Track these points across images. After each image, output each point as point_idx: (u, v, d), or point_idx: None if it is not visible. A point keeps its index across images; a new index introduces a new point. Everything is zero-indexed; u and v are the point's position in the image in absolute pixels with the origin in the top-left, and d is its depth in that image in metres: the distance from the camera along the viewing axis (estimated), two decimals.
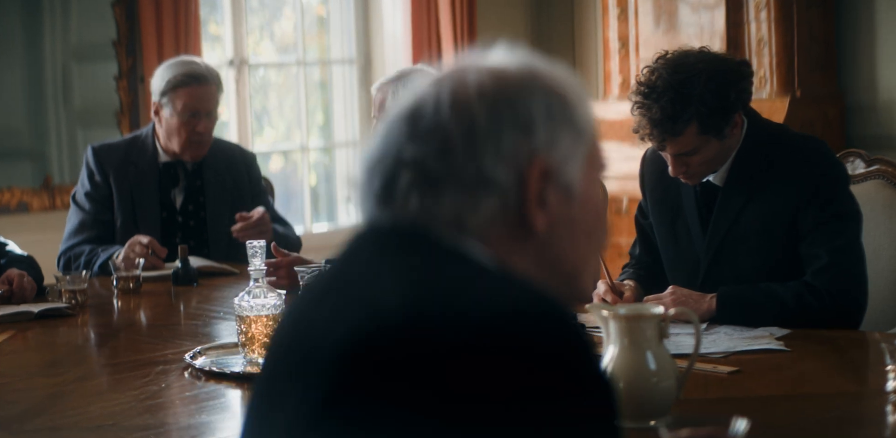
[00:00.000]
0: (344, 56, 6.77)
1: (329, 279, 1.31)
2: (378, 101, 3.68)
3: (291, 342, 1.27)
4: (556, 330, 1.15)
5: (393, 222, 1.26)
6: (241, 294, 2.65)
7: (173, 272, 3.67)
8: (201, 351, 2.70)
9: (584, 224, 1.32)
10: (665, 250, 3.13)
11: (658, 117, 2.79)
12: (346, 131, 6.85)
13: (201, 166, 4.15)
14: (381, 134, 1.31)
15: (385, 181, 1.27)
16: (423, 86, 1.32)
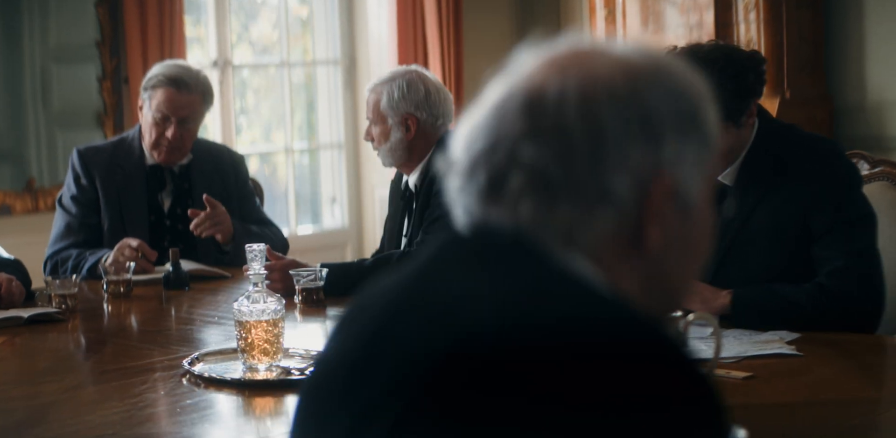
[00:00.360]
0: (328, 57, 6.71)
1: (411, 287, 1.17)
2: (372, 102, 3.63)
3: (360, 355, 1.14)
4: (662, 346, 1.07)
5: (498, 227, 1.15)
6: (239, 299, 2.59)
7: (164, 276, 3.60)
8: (199, 357, 2.63)
9: (695, 241, 1.22)
10: None
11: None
12: (330, 133, 6.78)
13: (189, 168, 4.08)
14: (491, 116, 1.17)
15: (493, 178, 1.14)
16: (539, 67, 1.18)
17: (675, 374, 1.05)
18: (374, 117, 3.64)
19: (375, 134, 3.65)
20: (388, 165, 3.69)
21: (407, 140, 3.61)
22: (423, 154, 3.65)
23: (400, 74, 3.66)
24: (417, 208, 3.60)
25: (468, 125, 1.19)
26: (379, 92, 3.63)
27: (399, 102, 3.60)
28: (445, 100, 3.67)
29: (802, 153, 2.87)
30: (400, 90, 3.60)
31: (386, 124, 3.62)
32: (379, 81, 3.66)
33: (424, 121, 3.63)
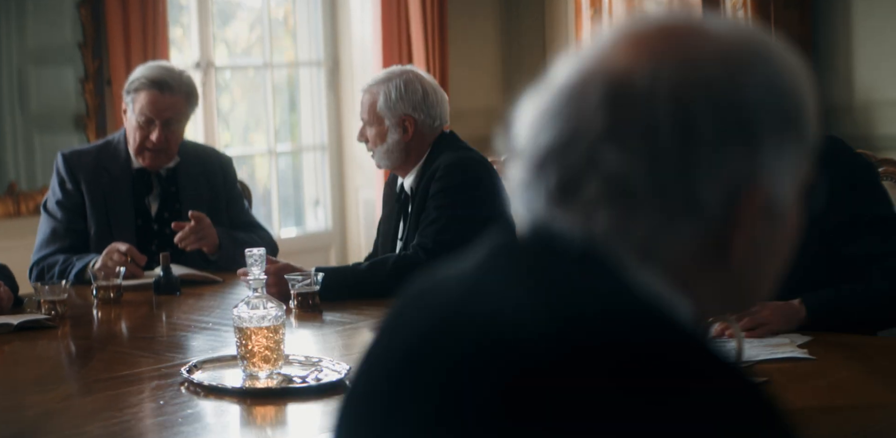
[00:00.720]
0: (311, 58, 6.64)
1: (460, 297, 1.04)
2: (368, 102, 3.56)
3: (404, 372, 1.03)
4: (731, 377, 0.97)
5: (565, 235, 1.02)
6: (239, 305, 2.52)
7: (155, 281, 3.53)
8: (197, 365, 2.57)
9: (779, 248, 1.11)
10: None
11: None
12: (313, 135, 6.72)
13: (175, 171, 4.01)
14: (564, 103, 1.03)
15: (566, 181, 1.01)
16: (623, 47, 1.03)
17: (738, 401, 0.96)
18: (369, 118, 3.58)
19: (371, 135, 3.59)
20: (384, 167, 3.62)
21: (404, 142, 3.55)
22: (420, 156, 3.59)
23: (396, 73, 3.60)
24: (413, 211, 3.54)
25: (535, 108, 1.06)
26: (375, 93, 3.57)
27: (396, 103, 3.54)
28: (442, 101, 3.62)
29: (820, 156, 2.81)
30: (397, 90, 3.54)
31: (382, 125, 3.56)
32: (374, 82, 3.60)
33: (422, 122, 3.57)
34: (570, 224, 1.02)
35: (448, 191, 3.45)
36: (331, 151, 6.74)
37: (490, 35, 6.79)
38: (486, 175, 3.55)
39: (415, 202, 3.53)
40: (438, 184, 3.47)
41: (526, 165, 1.04)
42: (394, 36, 6.28)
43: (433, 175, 3.49)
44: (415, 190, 3.55)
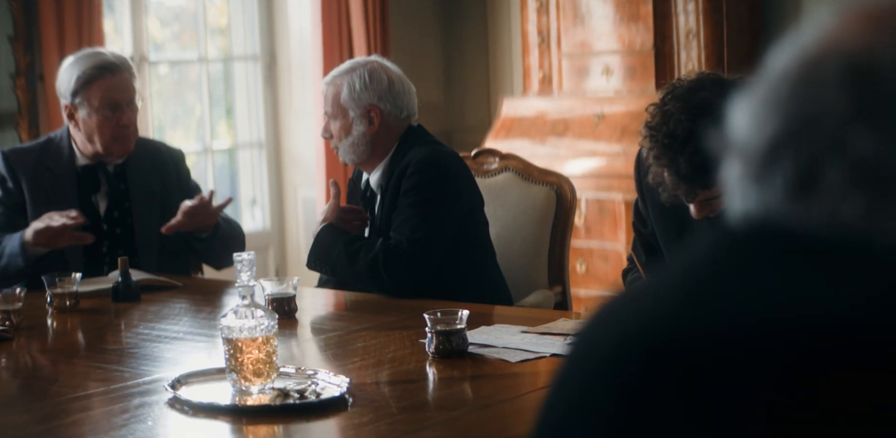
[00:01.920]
0: (247, 53, 6.43)
1: (705, 299, 0.94)
2: (331, 95, 3.38)
3: (634, 375, 0.93)
4: None
5: (809, 228, 0.92)
6: (227, 314, 2.34)
7: (113, 288, 3.32)
8: (181, 380, 2.38)
9: None
10: None
11: (687, 172, 2.51)
12: (249, 132, 6.51)
13: (124, 167, 3.80)
14: (792, 89, 0.94)
15: (805, 170, 0.92)
16: (852, 24, 0.94)
17: None
18: (333, 111, 3.40)
19: (335, 129, 3.41)
20: (350, 162, 3.45)
21: (370, 134, 3.38)
22: (387, 150, 3.42)
23: (360, 64, 3.43)
24: (383, 209, 3.36)
25: (755, 99, 0.96)
26: (339, 84, 3.39)
27: (361, 93, 3.36)
28: (409, 91, 3.45)
29: None
30: (361, 80, 3.37)
31: (347, 118, 3.38)
32: (337, 73, 3.42)
33: (388, 113, 3.40)
34: (812, 216, 0.92)
35: (421, 187, 3.29)
36: (268, 148, 6.54)
37: (431, 26, 6.63)
38: (460, 170, 3.40)
39: (385, 199, 3.36)
40: (411, 180, 3.30)
41: (750, 159, 0.95)
42: (334, 29, 6.09)
43: (404, 171, 3.32)
44: (384, 186, 3.38)
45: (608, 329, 0.99)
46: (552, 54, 5.96)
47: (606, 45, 5.72)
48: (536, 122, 5.90)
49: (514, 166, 3.78)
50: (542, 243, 3.67)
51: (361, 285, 3.24)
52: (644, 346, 0.93)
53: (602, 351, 0.97)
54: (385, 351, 2.60)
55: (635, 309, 0.99)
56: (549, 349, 2.53)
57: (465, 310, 2.54)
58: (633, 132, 5.62)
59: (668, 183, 2.59)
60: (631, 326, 0.96)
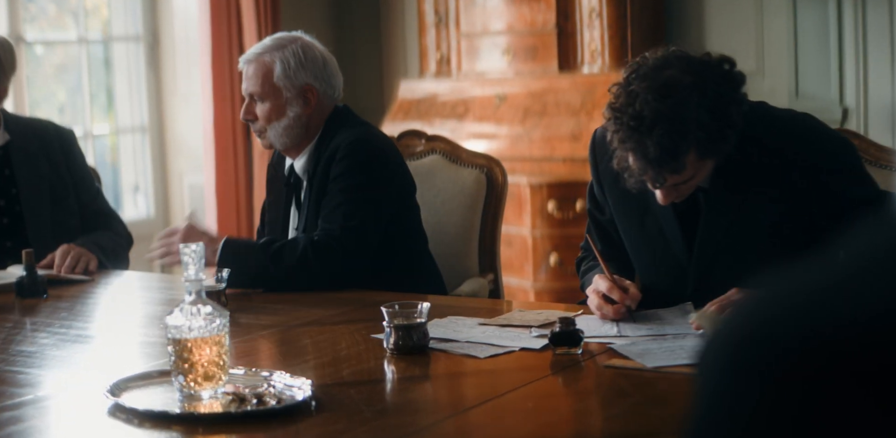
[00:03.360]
0: (128, 33, 6.12)
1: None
2: (261, 73, 3.14)
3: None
4: None
5: None
6: (173, 312, 2.11)
7: (17, 283, 3.05)
8: (120, 385, 2.14)
9: None
10: (637, 255, 2.73)
11: (656, 156, 2.35)
12: (131, 116, 6.21)
13: (7, 150, 3.51)
14: None
15: None
16: None
17: None
18: (262, 91, 3.16)
19: (264, 111, 3.16)
20: (281, 146, 3.21)
21: (306, 115, 3.16)
22: (315, 133, 3.21)
23: (289, 40, 3.20)
24: (311, 196, 3.15)
25: None
26: (268, 62, 3.15)
27: (297, 71, 3.14)
28: (337, 70, 3.24)
29: (784, 135, 2.52)
30: (296, 58, 3.14)
31: (280, 98, 3.15)
32: (262, 50, 3.18)
33: (323, 93, 3.18)
34: None
35: (353, 171, 3.08)
36: (151, 133, 6.25)
37: (323, 10, 6.39)
38: (392, 153, 3.20)
39: (313, 186, 3.15)
40: (341, 164, 3.09)
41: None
42: (222, 9, 5.83)
43: (333, 155, 3.11)
44: (311, 172, 3.16)
45: (786, 330, 0.85)
46: (450, 34, 5.79)
47: (507, 25, 5.57)
48: (435, 104, 5.72)
49: (441, 148, 3.59)
50: (472, 228, 3.49)
51: (291, 285, 3.00)
52: (840, 347, 0.80)
53: (785, 355, 0.83)
54: (337, 348, 2.40)
55: (815, 307, 0.85)
56: (517, 343, 2.35)
57: (425, 303, 2.35)
58: (537, 114, 5.48)
59: (635, 168, 2.43)
60: (820, 326, 0.83)
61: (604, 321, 2.50)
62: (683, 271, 2.62)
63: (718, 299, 2.41)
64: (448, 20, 5.78)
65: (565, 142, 5.32)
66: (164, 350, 2.23)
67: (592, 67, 5.43)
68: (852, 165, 2.54)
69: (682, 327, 2.42)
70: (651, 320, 2.50)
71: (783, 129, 2.54)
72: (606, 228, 2.80)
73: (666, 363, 2.15)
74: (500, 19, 5.58)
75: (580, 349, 2.27)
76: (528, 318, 2.56)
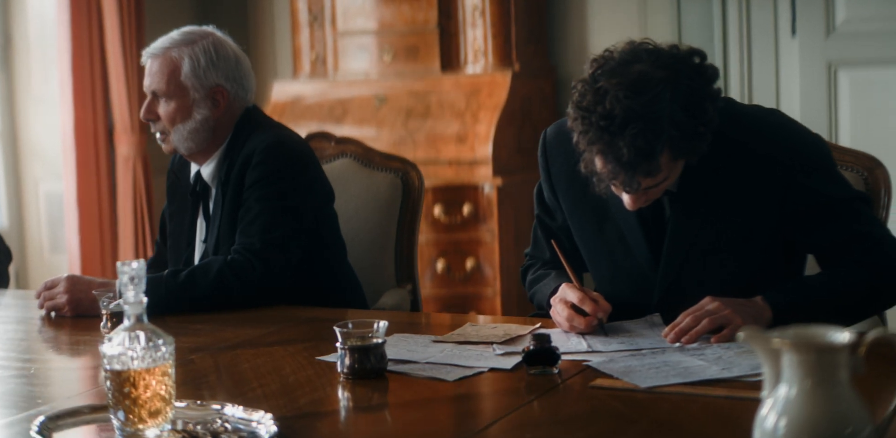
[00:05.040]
0: None
1: None
2: (167, 70, 2.88)
3: None
4: None
5: None
6: (110, 339, 1.86)
7: None
8: (49, 423, 1.88)
9: None
10: (595, 263, 2.55)
11: (629, 158, 2.18)
12: None
13: None
14: None
15: None
16: None
17: None
18: (167, 90, 2.89)
19: (168, 111, 2.90)
20: (186, 151, 2.94)
21: (214, 118, 2.91)
22: (224, 137, 2.95)
23: (199, 35, 2.94)
24: (223, 205, 2.89)
25: None
26: (175, 58, 2.89)
27: (207, 70, 2.88)
28: (250, 70, 2.99)
29: (755, 134, 2.38)
30: (207, 55, 2.89)
31: (186, 98, 2.89)
32: (170, 44, 2.92)
33: (234, 94, 2.94)
34: None
35: (270, 178, 2.84)
36: (4, 138, 5.87)
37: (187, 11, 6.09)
38: (310, 157, 2.97)
39: (225, 195, 2.89)
40: (258, 170, 2.85)
41: None
42: (83, 9, 5.47)
43: (248, 160, 2.87)
44: (223, 179, 2.91)
45: None
46: (326, 33, 5.54)
47: (387, 24, 5.35)
48: (312, 106, 5.48)
49: (352, 151, 3.37)
50: (388, 236, 3.28)
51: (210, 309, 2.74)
52: None
53: None
54: (283, 373, 2.16)
55: None
56: (484, 363, 2.15)
57: (382, 321, 2.13)
58: (420, 115, 5.28)
59: (605, 172, 2.25)
60: None
61: (569, 336, 2.31)
62: (647, 280, 2.45)
63: (692, 309, 2.25)
64: (323, 19, 5.54)
65: (451, 144, 5.14)
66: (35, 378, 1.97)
67: (476, 66, 5.25)
68: (827, 163, 2.41)
69: (655, 340, 2.26)
70: (618, 332, 2.33)
71: (753, 126, 2.39)
72: (558, 235, 2.62)
73: (659, 382, 1.97)
74: (379, 18, 5.37)
75: (557, 369, 2.08)
76: (486, 333, 2.36)
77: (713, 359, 2.10)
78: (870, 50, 5.10)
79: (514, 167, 5.13)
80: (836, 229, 2.35)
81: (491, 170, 5.00)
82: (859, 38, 5.10)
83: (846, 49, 5.14)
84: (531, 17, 5.40)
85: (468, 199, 5.02)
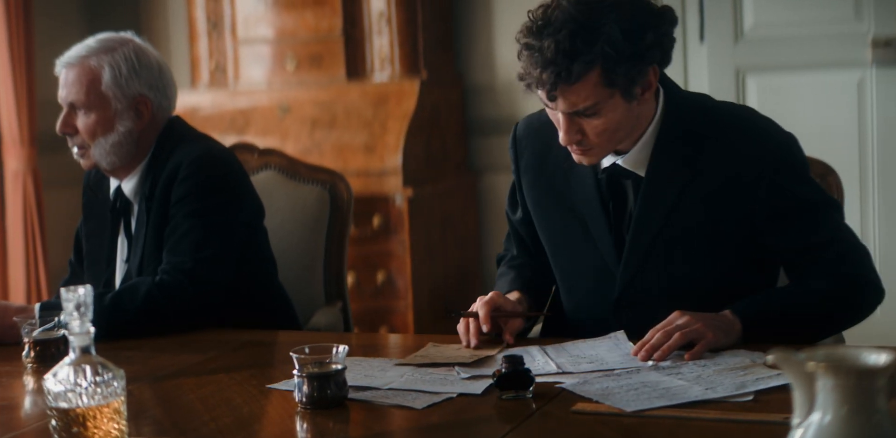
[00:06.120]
0: None
1: None
2: (86, 79, 2.71)
3: None
4: None
5: None
6: (55, 373, 1.69)
7: None
8: None
9: None
10: (557, 257, 2.46)
11: (551, 55, 2.14)
12: None
13: None
14: None
15: None
16: None
17: None
18: (87, 101, 2.71)
19: (87, 124, 2.72)
20: (107, 166, 2.76)
21: (137, 130, 2.74)
22: (147, 150, 2.78)
23: (118, 42, 2.77)
24: (148, 223, 2.71)
25: None
26: (94, 67, 2.71)
27: (129, 79, 2.71)
28: (172, 79, 2.83)
29: (727, 128, 2.32)
30: (129, 63, 2.71)
31: (108, 110, 2.71)
32: (87, 52, 2.74)
33: (158, 105, 2.77)
34: None
35: (199, 193, 2.68)
36: None
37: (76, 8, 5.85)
38: (240, 170, 2.82)
39: (150, 211, 2.72)
40: (185, 185, 2.69)
41: None
42: None
43: (174, 174, 2.70)
44: (147, 195, 2.74)
45: None
46: (226, 41, 5.36)
47: (290, 32, 5.19)
48: (212, 117, 5.29)
49: (276, 163, 3.21)
50: (316, 252, 3.13)
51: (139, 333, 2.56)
52: None
53: None
54: (233, 404, 2.00)
55: None
56: (451, 388, 2.01)
57: (341, 345, 1.99)
58: (326, 125, 5.12)
59: (533, 72, 2.19)
60: None
61: (534, 356, 2.19)
62: (610, 275, 2.36)
63: (661, 324, 2.16)
64: (223, 26, 5.36)
65: (359, 154, 5.00)
66: None
67: (382, 74, 5.12)
68: (800, 162, 2.35)
69: (625, 358, 2.15)
70: (583, 351, 2.21)
71: (725, 121, 2.34)
72: (518, 229, 2.55)
73: (645, 405, 1.85)
74: (281, 25, 5.20)
75: (531, 393, 1.95)
76: (451, 354, 2.23)
77: (693, 378, 2.00)
78: (778, 56, 5.08)
79: (424, 177, 5.01)
80: (806, 232, 2.28)
81: (401, 180, 4.87)
82: (767, 44, 5.08)
83: (754, 55, 5.12)
84: (438, 24, 5.29)
85: (378, 210, 4.89)
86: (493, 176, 5.43)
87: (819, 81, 5.00)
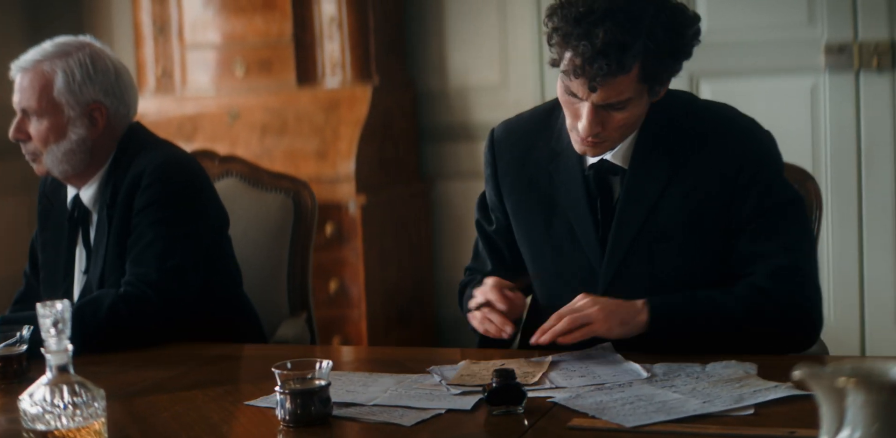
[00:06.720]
0: None
1: None
2: (38, 84, 2.61)
3: None
4: None
5: None
6: (32, 393, 1.60)
7: None
8: None
9: None
10: (541, 261, 2.40)
11: (603, 45, 2.09)
12: None
13: None
14: None
15: None
16: None
17: None
18: (39, 107, 2.62)
19: (40, 130, 2.63)
20: (60, 174, 2.67)
21: (91, 138, 2.64)
22: (105, 158, 2.69)
23: (74, 46, 2.67)
24: (109, 232, 2.62)
25: None
26: (47, 72, 2.61)
27: (83, 85, 2.61)
28: (132, 84, 2.74)
29: (713, 126, 2.31)
30: (83, 69, 2.62)
31: (60, 116, 2.62)
32: (41, 56, 2.64)
33: (114, 112, 2.68)
34: None
35: (164, 201, 2.59)
36: None
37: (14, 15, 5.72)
38: (204, 177, 2.73)
39: (111, 220, 2.63)
40: (149, 193, 2.60)
41: None
42: None
43: (136, 182, 2.61)
44: (108, 203, 2.64)
45: None
46: (172, 46, 5.26)
47: (238, 36, 5.10)
48: (159, 124, 5.17)
49: (238, 170, 3.13)
50: (279, 261, 3.04)
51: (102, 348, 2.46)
52: None
53: None
54: (212, 423, 1.92)
55: None
56: (439, 403, 1.94)
57: (325, 361, 1.91)
58: (276, 131, 5.03)
59: (572, 65, 2.14)
60: None
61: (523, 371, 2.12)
62: (594, 274, 2.32)
63: (565, 307, 2.13)
64: (169, 31, 5.25)
65: (310, 160, 4.91)
66: None
67: (333, 80, 5.04)
68: (777, 160, 2.33)
69: (618, 371, 2.09)
70: (571, 362, 2.15)
71: (707, 117, 2.33)
72: (495, 242, 2.48)
73: (644, 421, 1.79)
74: (230, 30, 5.10)
75: (522, 408, 1.89)
76: None
77: (688, 392, 1.94)
78: (731, 61, 5.06)
79: (377, 184, 4.93)
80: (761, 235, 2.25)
81: (354, 187, 4.79)
82: (721, 49, 5.05)
83: (708, 60, 5.09)
84: (389, 29, 5.22)
85: (331, 218, 4.81)
86: (446, 183, 5.37)
87: (772, 87, 4.98)
